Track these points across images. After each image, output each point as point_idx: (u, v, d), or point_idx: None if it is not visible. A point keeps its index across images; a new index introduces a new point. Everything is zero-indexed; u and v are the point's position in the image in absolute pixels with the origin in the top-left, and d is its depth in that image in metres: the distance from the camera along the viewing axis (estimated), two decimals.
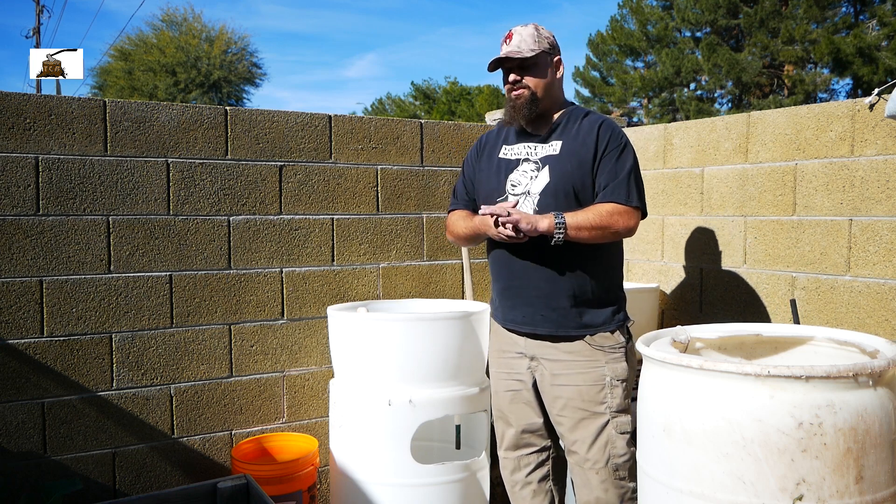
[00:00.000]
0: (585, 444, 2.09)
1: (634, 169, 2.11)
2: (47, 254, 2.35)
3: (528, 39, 2.14)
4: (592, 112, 2.23)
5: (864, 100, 2.40)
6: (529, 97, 2.14)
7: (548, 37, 2.19)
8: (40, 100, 2.34)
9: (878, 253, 2.36)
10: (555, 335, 2.12)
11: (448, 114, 26.49)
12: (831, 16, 16.41)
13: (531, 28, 2.17)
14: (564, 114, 2.21)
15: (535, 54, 2.13)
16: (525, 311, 2.16)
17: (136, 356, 2.50)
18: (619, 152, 2.11)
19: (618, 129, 2.16)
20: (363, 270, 2.92)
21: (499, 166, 2.24)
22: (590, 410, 2.08)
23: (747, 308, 2.79)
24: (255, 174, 2.68)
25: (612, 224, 2.03)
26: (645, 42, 19.68)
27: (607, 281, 2.16)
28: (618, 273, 2.24)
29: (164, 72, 22.41)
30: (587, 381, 2.08)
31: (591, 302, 2.12)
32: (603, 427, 2.07)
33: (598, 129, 2.13)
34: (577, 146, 2.12)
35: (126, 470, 2.49)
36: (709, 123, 2.97)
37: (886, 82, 2.37)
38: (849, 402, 1.47)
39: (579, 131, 2.15)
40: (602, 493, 2.09)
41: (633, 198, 2.07)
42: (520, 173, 2.18)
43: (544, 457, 2.28)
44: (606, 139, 2.11)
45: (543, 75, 2.16)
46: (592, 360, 2.08)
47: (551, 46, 2.18)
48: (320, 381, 2.84)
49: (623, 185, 2.07)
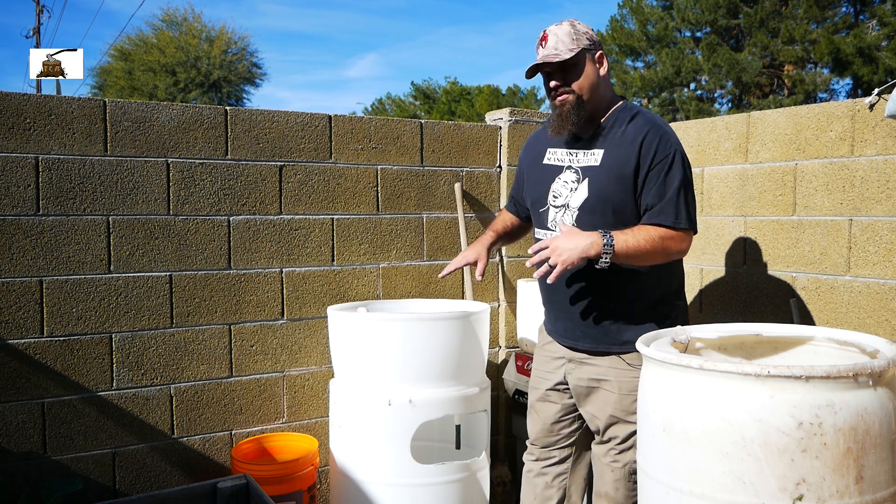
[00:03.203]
0: (610, 444, 2.10)
1: (684, 184, 1.94)
2: (47, 254, 2.35)
3: (566, 39, 1.98)
4: (641, 113, 2.04)
5: (864, 100, 2.40)
6: (575, 102, 1.99)
7: (586, 32, 2.02)
8: (40, 100, 2.34)
9: (878, 253, 2.36)
10: (594, 350, 2.09)
11: (448, 114, 26.48)
12: (831, 16, 16.41)
13: (566, 26, 2.01)
14: (611, 115, 2.06)
15: (575, 54, 1.97)
16: (566, 325, 2.14)
17: (136, 356, 2.50)
18: (668, 167, 1.94)
19: (666, 138, 1.97)
20: (363, 270, 2.92)
21: (542, 173, 2.15)
22: (622, 419, 2.06)
23: (747, 308, 2.79)
24: (255, 174, 2.68)
25: (664, 249, 1.91)
26: (645, 42, 19.67)
27: (655, 295, 2.06)
28: (668, 286, 2.10)
29: (164, 72, 22.41)
30: (622, 389, 2.04)
31: (635, 319, 2.04)
32: (630, 434, 2.05)
33: (642, 140, 1.95)
34: (619, 158, 1.98)
35: (126, 470, 2.49)
36: (709, 123, 2.97)
37: (886, 82, 2.37)
38: (849, 402, 1.47)
39: (623, 139, 1.99)
40: (613, 490, 2.10)
41: (682, 219, 1.93)
42: (561, 183, 2.09)
43: (566, 454, 2.27)
44: (652, 153, 1.94)
45: (587, 75, 2.00)
46: (629, 371, 2.04)
47: (591, 42, 2.02)
48: (320, 381, 2.84)
49: (671, 207, 1.92)
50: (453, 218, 3.10)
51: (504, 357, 3.24)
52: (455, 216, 3.09)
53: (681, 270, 2.16)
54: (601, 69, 2.04)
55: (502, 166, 3.20)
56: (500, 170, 3.21)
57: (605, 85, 2.06)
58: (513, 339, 3.24)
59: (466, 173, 3.12)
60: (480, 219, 3.16)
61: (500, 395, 3.18)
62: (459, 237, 3.07)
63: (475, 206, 3.15)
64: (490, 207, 3.18)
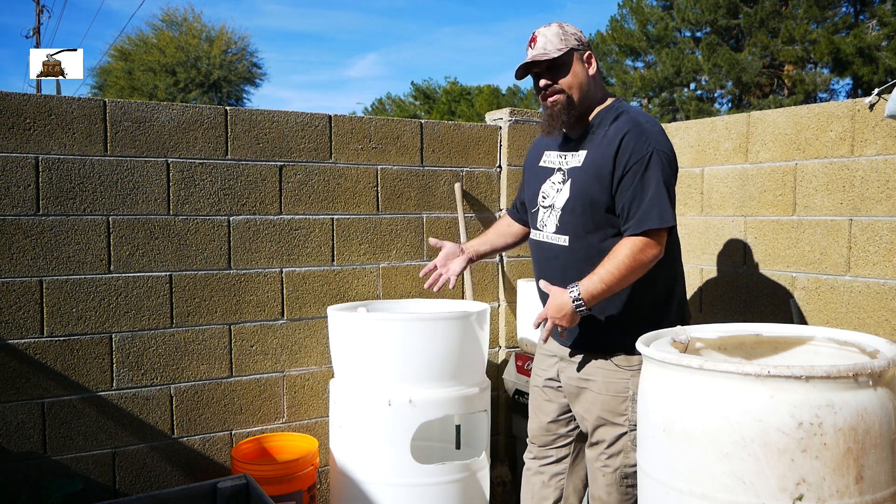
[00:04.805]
0: (599, 448, 2.10)
1: (659, 184, 1.91)
2: (47, 254, 2.35)
3: (554, 39, 2.01)
4: (625, 112, 2.03)
5: (864, 100, 2.40)
6: (566, 101, 2.01)
7: (574, 33, 2.05)
8: (40, 100, 2.34)
9: (878, 253, 2.36)
10: (581, 350, 2.10)
11: (448, 114, 26.48)
12: (831, 16, 16.41)
13: (555, 27, 2.04)
14: (598, 115, 2.07)
15: (563, 53, 2.00)
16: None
17: (136, 356, 2.50)
18: (644, 168, 1.92)
19: (644, 137, 1.94)
20: (363, 270, 2.92)
21: (537, 175, 2.18)
22: (609, 420, 2.06)
23: (747, 308, 2.79)
24: (255, 174, 2.68)
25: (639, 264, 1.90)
26: (645, 42, 19.67)
27: (647, 299, 2.04)
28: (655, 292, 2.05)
29: (164, 72, 22.40)
30: (610, 391, 2.04)
31: (624, 322, 2.03)
32: (619, 437, 2.05)
33: (620, 140, 1.95)
34: (598, 158, 1.99)
35: (126, 470, 2.49)
36: (709, 123, 2.97)
37: (886, 82, 2.37)
38: (849, 402, 1.47)
39: (604, 140, 2.00)
40: (605, 494, 2.09)
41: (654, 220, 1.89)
42: (549, 185, 2.12)
43: (563, 454, 2.27)
44: (628, 154, 1.93)
45: (576, 74, 2.02)
46: (618, 372, 2.04)
47: (580, 42, 2.04)
48: (320, 381, 2.84)
49: (652, 210, 1.90)
50: (453, 218, 3.10)
51: (504, 357, 3.24)
52: (455, 216, 3.09)
53: (671, 275, 2.11)
54: (590, 69, 2.06)
55: (502, 166, 3.20)
56: (500, 170, 3.21)
57: (594, 86, 2.07)
58: (513, 339, 3.24)
59: (466, 173, 3.12)
60: (480, 219, 3.16)
61: (500, 395, 3.18)
62: (459, 237, 3.06)
63: (475, 206, 3.15)
64: (490, 207, 3.19)
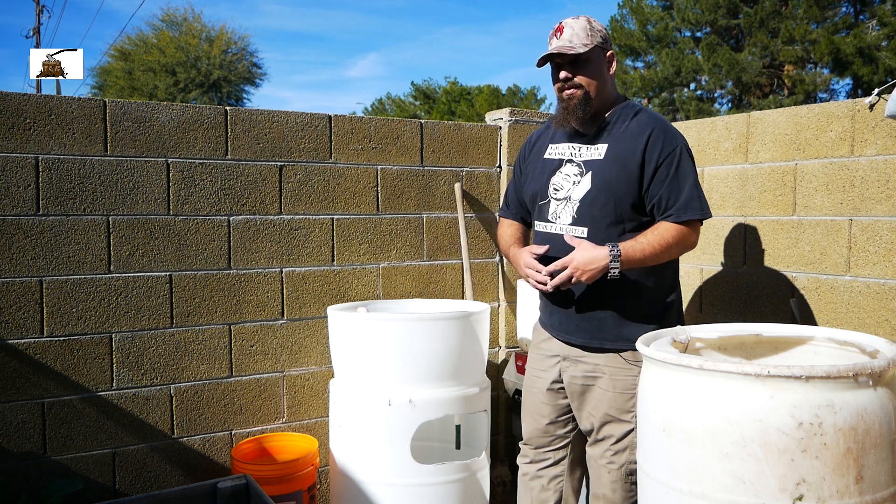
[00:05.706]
0: (605, 445, 2.09)
1: (695, 178, 1.99)
2: (47, 254, 2.35)
3: (581, 33, 1.98)
4: (643, 111, 2.07)
5: (864, 100, 2.40)
6: (582, 97, 2.00)
7: (600, 30, 2.03)
8: (40, 100, 2.34)
9: (878, 253, 2.36)
10: (587, 346, 2.08)
11: (448, 114, 26.47)
12: (831, 16, 16.40)
13: (583, 21, 2.01)
14: (614, 112, 2.07)
15: (589, 49, 1.97)
16: (560, 318, 2.13)
17: (136, 356, 2.50)
18: (677, 161, 1.96)
19: (671, 133, 2.00)
20: (363, 270, 2.92)
21: (543, 167, 2.16)
22: (617, 417, 2.05)
23: (747, 308, 2.79)
24: (255, 174, 2.68)
25: (679, 245, 1.96)
26: (645, 42, 19.66)
27: (653, 293, 2.06)
28: (664, 281, 2.09)
29: (164, 72, 22.40)
30: (618, 388, 2.04)
31: (632, 315, 2.03)
32: (626, 434, 2.05)
33: (648, 135, 1.98)
34: (623, 152, 1.99)
35: (126, 470, 2.49)
36: (709, 123, 2.97)
37: (886, 82, 2.37)
38: (849, 402, 1.47)
39: (626, 134, 2.01)
40: (610, 492, 2.09)
41: (706, 210, 1.99)
42: (562, 176, 2.09)
43: (561, 456, 2.25)
44: (658, 148, 1.96)
45: (597, 73, 2.01)
46: (625, 369, 2.04)
47: (604, 41, 2.03)
48: (320, 381, 2.84)
49: (696, 201, 1.96)
50: (453, 218, 3.10)
51: (504, 357, 3.24)
52: (455, 216, 3.09)
53: (676, 271, 2.17)
54: (610, 69, 2.08)
55: (502, 166, 3.20)
56: (500, 170, 3.21)
57: (611, 84, 2.10)
58: (513, 339, 3.24)
59: (466, 173, 3.13)
60: (480, 219, 3.16)
61: (500, 395, 3.18)
62: (459, 237, 3.07)
63: (475, 206, 3.15)
64: (490, 207, 3.19)
